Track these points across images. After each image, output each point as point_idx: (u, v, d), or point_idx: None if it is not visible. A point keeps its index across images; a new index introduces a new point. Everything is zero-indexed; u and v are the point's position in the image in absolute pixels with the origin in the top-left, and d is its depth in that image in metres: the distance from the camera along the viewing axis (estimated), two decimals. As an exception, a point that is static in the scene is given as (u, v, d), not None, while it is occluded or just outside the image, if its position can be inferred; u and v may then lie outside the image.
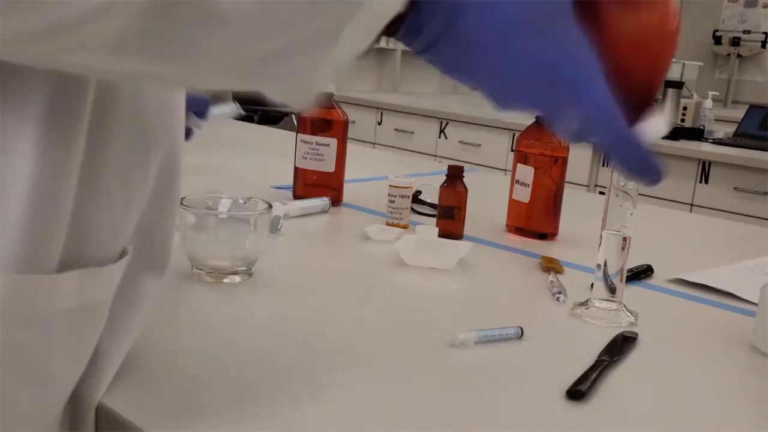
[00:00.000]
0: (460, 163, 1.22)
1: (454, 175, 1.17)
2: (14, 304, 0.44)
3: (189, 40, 0.37)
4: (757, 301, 0.83)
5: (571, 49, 0.43)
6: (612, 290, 0.86)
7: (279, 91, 0.44)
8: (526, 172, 1.19)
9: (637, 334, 0.81)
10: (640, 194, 0.84)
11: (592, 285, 0.87)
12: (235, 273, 0.88)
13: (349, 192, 1.34)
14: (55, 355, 0.49)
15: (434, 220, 1.17)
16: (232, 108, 1.48)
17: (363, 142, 4.00)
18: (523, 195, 1.19)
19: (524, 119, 2.86)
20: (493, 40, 0.42)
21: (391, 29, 0.42)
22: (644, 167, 0.46)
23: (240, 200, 0.91)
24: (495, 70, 0.43)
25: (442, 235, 1.10)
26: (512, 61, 0.42)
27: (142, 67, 0.39)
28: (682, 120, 3.38)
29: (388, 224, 1.17)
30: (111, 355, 0.57)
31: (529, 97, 0.45)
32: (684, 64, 3.56)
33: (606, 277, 0.85)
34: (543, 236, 1.20)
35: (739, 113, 3.66)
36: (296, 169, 1.32)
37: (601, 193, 1.89)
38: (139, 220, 0.54)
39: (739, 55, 5.88)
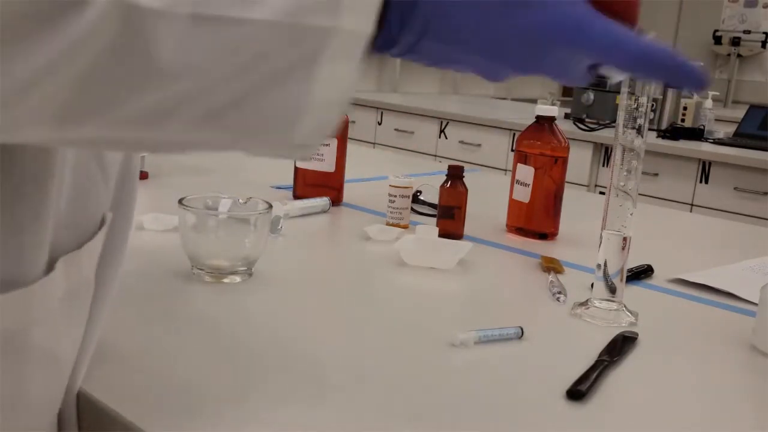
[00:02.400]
0: (460, 163, 1.22)
1: (454, 175, 1.17)
2: (14, 317, 0.47)
3: (138, 102, 0.35)
4: (757, 301, 0.83)
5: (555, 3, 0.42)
6: (612, 290, 0.85)
7: (268, 146, 0.41)
8: (526, 172, 1.19)
9: (637, 334, 0.81)
10: (640, 194, 0.84)
11: (592, 285, 0.87)
12: (235, 273, 0.88)
13: (349, 192, 1.34)
14: (59, 340, 0.52)
15: (434, 220, 1.17)
16: None
17: (363, 142, 4.00)
18: (524, 195, 1.19)
19: (524, 119, 2.84)
20: (473, 30, 0.41)
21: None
22: (684, 66, 0.44)
23: (240, 200, 0.91)
24: (486, 51, 0.43)
25: (442, 235, 1.10)
26: (502, 37, 0.42)
27: (99, 134, 0.37)
28: (683, 120, 3.38)
29: (388, 224, 1.17)
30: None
31: (529, 62, 0.44)
32: (684, 64, 3.54)
33: (606, 277, 0.85)
34: (543, 236, 1.20)
35: (739, 113, 3.66)
36: (296, 169, 1.32)
37: (601, 193, 1.89)
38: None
39: (739, 55, 5.88)
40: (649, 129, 1.70)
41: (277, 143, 0.40)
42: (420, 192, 1.33)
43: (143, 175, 1.35)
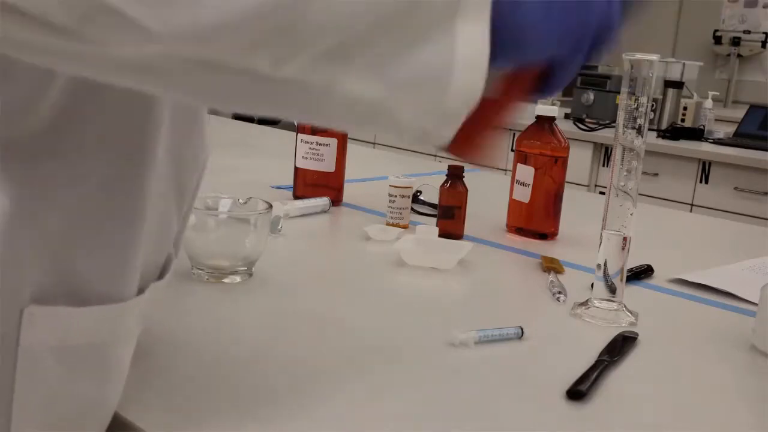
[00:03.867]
0: (460, 163, 1.22)
1: (454, 175, 1.17)
2: (107, 329, 0.51)
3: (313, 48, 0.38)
4: (757, 301, 0.83)
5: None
6: (612, 290, 0.85)
7: (422, 107, 0.43)
8: (526, 172, 1.19)
9: (637, 334, 0.81)
10: (640, 194, 0.84)
11: (592, 285, 0.87)
12: (235, 273, 0.88)
13: (349, 192, 1.33)
14: (129, 355, 0.56)
15: (434, 220, 1.17)
16: None
17: (363, 142, 4.00)
18: (524, 195, 1.19)
19: (524, 119, 2.84)
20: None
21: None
22: None
23: (240, 200, 0.91)
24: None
25: (442, 235, 1.10)
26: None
27: (295, 75, 0.39)
28: (683, 120, 3.38)
29: (388, 224, 1.17)
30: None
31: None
32: (684, 64, 3.55)
33: (606, 277, 0.85)
34: (543, 236, 1.20)
35: (740, 113, 3.66)
36: (296, 169, 1.32)
37: (602, 193, 1.89)
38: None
39: (739, 55, 5.88)
40: (649, 129, 1.70)
41: (430, 104, 0.43)
42: (420, 192, 1.33)
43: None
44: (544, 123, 1.19)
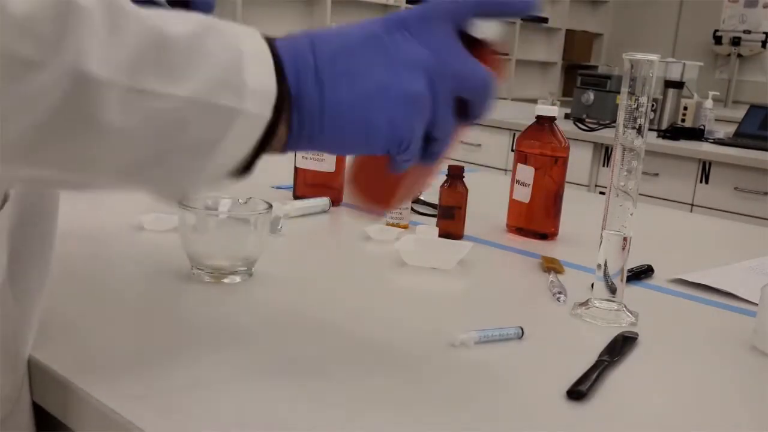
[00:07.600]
0: (460, 163, 1.22)
1: (455, 175, 1.17)
2: None
3: (78, 151, 0.42)
4: (757, 301, 0.83)
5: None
6: (612, 290, 0.85)
7: (161, 190, 0.49)
8: (526, 172, 1.19)
9: (637, 335, 0.81)
10: (640, 194, 0.84)
11: (592, 285, 0.87)
12: (235, 273, 0.88)
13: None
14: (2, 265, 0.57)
15: (434, 220, 1.17)
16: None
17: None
18: (524, 195, 1.19)
19: (524, 119, 2.84)
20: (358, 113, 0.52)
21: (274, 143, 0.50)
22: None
23: (240, 200, 0.91)
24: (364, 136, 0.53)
25: (442, 235, 1.10)
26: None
27: (37, 173, 0.43)
28: (683, 120, 3.38)
29: (388, 224, 1.17)
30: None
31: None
32: (684, 64, 3.55)
33: (606, 277, 0.85)
34: (543, 236, 1.20)
35: (740, 113, 3.66)
36: (296, 169, 1.32)
37: (602, 193, 1.89)
38: None
39: (739, 55, 5.89)
40: (650, 129, 1.70)
41: (171, 195, 0.50)
42: (420, 192, 1.33)
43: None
44: (544, 123, 1.19)
